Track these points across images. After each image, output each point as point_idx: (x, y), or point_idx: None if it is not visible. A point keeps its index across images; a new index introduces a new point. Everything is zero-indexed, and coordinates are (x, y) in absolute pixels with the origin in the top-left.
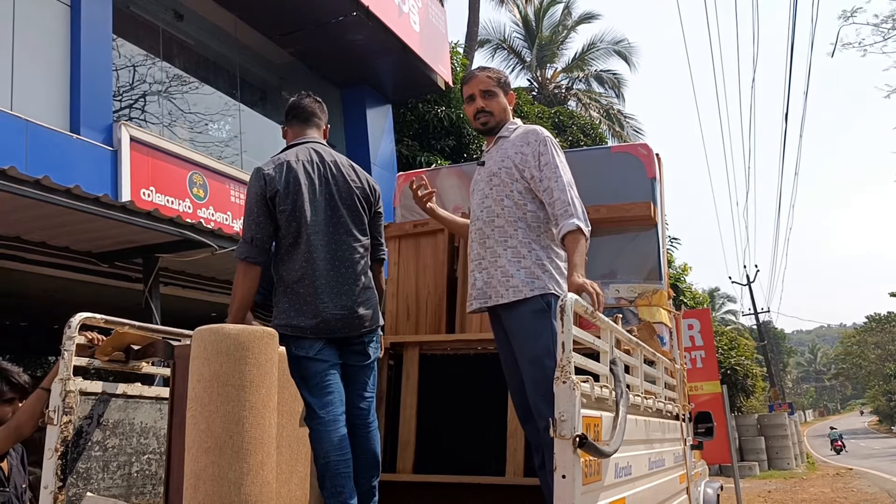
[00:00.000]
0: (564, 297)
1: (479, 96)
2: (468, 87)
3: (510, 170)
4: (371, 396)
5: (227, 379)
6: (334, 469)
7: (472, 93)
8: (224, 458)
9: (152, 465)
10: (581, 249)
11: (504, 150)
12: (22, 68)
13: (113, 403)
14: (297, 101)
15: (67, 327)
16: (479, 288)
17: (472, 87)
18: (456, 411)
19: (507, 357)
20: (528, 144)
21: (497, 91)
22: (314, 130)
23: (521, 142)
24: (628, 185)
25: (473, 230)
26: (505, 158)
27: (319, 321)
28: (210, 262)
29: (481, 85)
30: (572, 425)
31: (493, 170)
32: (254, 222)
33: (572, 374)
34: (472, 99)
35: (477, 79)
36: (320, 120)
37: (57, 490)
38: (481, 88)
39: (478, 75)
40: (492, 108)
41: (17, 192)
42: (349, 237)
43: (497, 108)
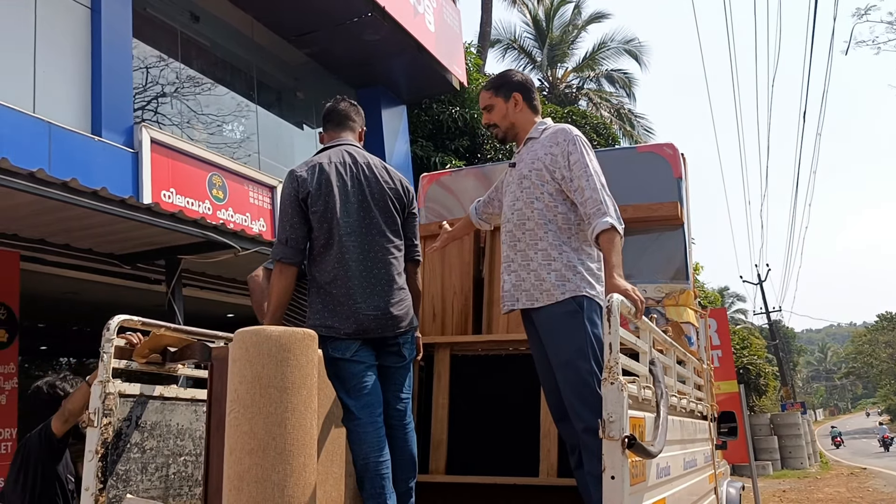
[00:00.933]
0: (611, 299)
1: (484, 113)
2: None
3: (540, 171)
4: (407, 397)
5: (270, 381)
6: (374, 470)
7: (482, 110)
8: (267, 460)
9: (188, 466)
10: (617, 248)
11: (534, 151)
12: (44, 71)
13: (150, 405)
14: (333, 106)
15: (106, 329)
16: (507, 290)
17: (481, 106)
18: (487, 412)
19: (541, 358)
20: (557, 144)
21: (494, 102)
22: (348, 133)
23: (551, 142)
24: (654, 184)
25: (504, 232)
26: (535, 160)
27: (353, 321)
28: (231, 263)
29: (482, 102)
30: (620, 426)
31: (523, 172)
32: (288, 223)
33: (620, 375)
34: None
35: (480, 96)
36: (355, 123)
37: (98, 492)
38: (482, 106)
39: (481, 93)
40: (493, 121)
41: (45, 195)
42: (382, 238)
43: (498, 117)
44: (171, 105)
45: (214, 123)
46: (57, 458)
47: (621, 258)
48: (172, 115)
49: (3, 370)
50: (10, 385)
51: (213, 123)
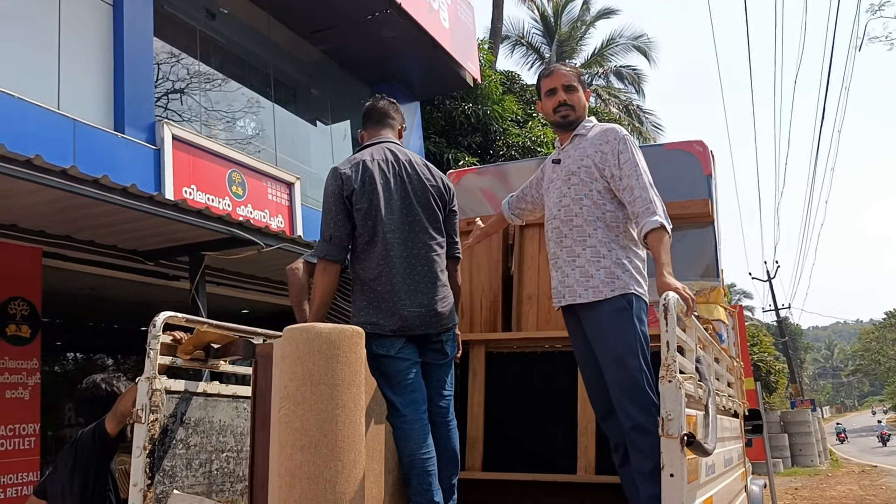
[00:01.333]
0: (667, 297)
1: (561, 90)
2: (549, 81)
3: (589, 169)
4: (450, 394)
5: (320, 377)
6: (420, 467)
7: (554, 86)
8: (319, 457)
9: (230, 462)
10: (666, 247)
11: (582, 148)
12: (68, 68)
13: (194, 402)
14: (372, 105)
15: (152, 326)
16: (554, 287)
17: (554, 81)
18: (523, 409)
19: (585, 356)
20: (607, 143)
21: (578, 86)
22: (388, 131)
23: (601, 140)
24: (684, 182)
25: (549, 228)
26: (584, 157)
27: (398, 318)
28: (250, 260)
29: (563, 80)
30: (679, 424)
31: (571, 168)
32: (332, 220)
33: (678, 373)
34: (552, 93)
35: (559, 72)
36: (394, 121)
37: (146, 487)
38: (563, 83)
39: (560, 69)
40: (573, 103)
41: (77, 192)
42: (425, 235)
43: (578, 103)
44: (189, 102)
45: (231, 120)
46: (110, 456)
47: (670, 257)
48: (190, 112)
49: (27, 366)
50: (34, 380)
51: (229, 120)
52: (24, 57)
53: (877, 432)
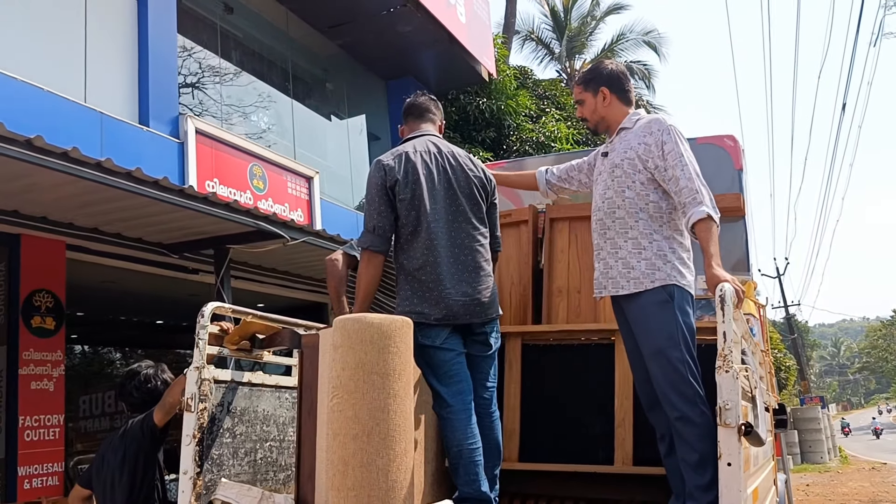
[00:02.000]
0: (723, 289)
1: (577, 107)
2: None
3: (633, 161)
4: (493, 386)
5: (373, 367)
6: (468, 457)
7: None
8: (372, 445)
9: (273, 452)
10: (714, 238)
11: (627, 141)
12: (94, 61)
13: (240, 391)
14: (413, 100)
15: (200, 316)
16: (595, 278)
17: (574, 98)
18: (560, 401)
19: (632, 347)
20: (650, 134)
21: (584, 97)
22: (429, 125)
23: (645, 132)
24: (716, 176)
25: (594, 221)
26: (628, 150)
27: (443, 307)
28: (273, 253)
29: (575, 97)
30: (737, 414)
31: (615, 161)
32: (375, 211)
33: (735, 363)
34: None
35: (574, 90)
36: (434, 115)
37: (195, 475)
38: (575, 100)
39: (574, 87)
40: (584, 115)
41: (111, 184)
42: (468, 225)
43: (589, 112)
44: (208, 96)
45: (250, 114)
46: (158, 446)
47: (718, 248)
48: (210, 106)
49: (51, 357)
50: (58, 372)
51: (249, 114)
52: (52, 51)
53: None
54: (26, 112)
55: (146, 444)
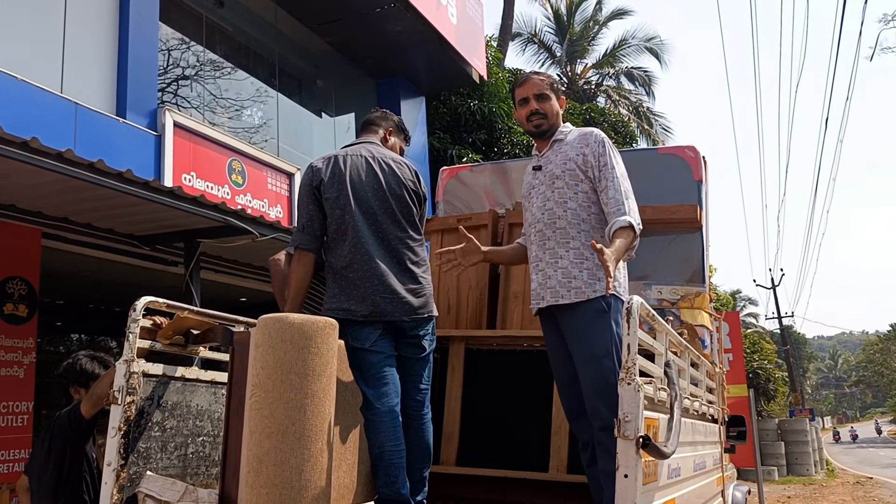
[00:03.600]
0: (630, 301)
1: (533, 99)
2: (522, 90)
3: (573, 171)
4: (426, 388)
5: (291, 367)
6: (388, 459)
7: (526, 96)
8: (286, 444)
9: (206, 447)
10: (627, 241)
11: (563, 152)
12: (72, 52)
13: (172, 386)
14: (366, 117)
15: (132, 310)
16: (534, 289)
17: (526, 91)
18: (500, 406)
19: (559, 357)
20: (587, 145)
21: (550, 95)
22: (372, 135)
23: (581, 143)
24: (674, 186)
25: (533, 233)
26: (567, 161)
27: (370, 304)
28: (247, 248)
29: (535, 89)
30: (636, 426)
31: (555, 172)
32: (304, 211)
33: (637, 375)
34: (525, 102)
35: (531, 82)
36: (378, 126)
37: (119, 468)
38: (535, 92)
39: (532, 78)
40: (545, 111)
41: (72, 175)
42: (396, 227)
43: (550, 111)
44: (193, 89)
45: (234, 108)
46: (85, 438)
47: (627, 249)
48: (193, 99)
49: (23, 345)
50: (29, 359)
51: (233, 108)
52: (29, 39)
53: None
54: None
55: (73, 435)
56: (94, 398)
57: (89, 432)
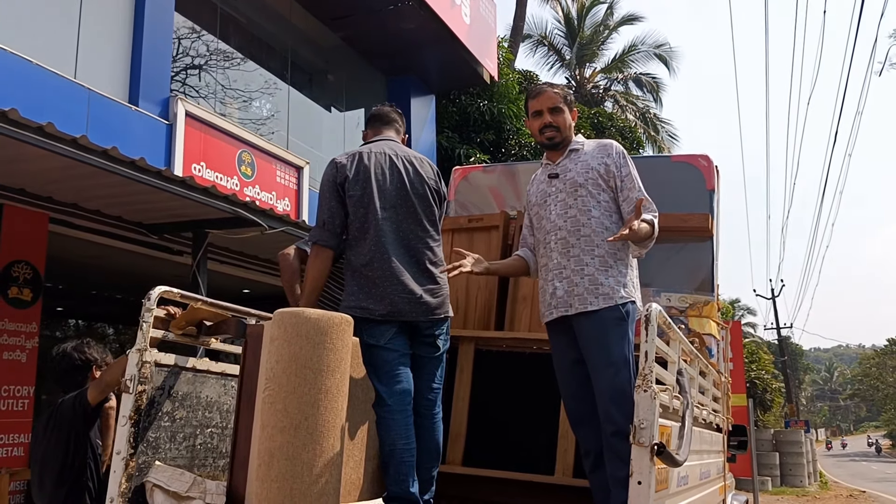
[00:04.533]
0: (649, 308)
1: (546, 112)
2: (535, 103)
3: (596, 180)
4: (438, 388)
5: (306, 362)
6: (399, 457)
7: (540, 109)
8: (298, 439)
9: (214, 438)
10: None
11: (584, 161)
12: (87, 38)
13: (183, 376)
14: (380, 108)
15: (146, 299)
16: (559, 297)
17: (541, 104)
18: (507, 408)
19: (568, 365)
20: (609, 156)
21: (564, 108)
22: (391, 132)
23: (602, 153)
24: (687, 194)
25: (554, 240)
26: (589, 170)
27: (388, 303)
28: (254, 240)
29: (549, 102)
30: (651, 433)
31: (577, 181)
32: (325, 207)
33: (654, 383)
34: (539, 114)
35: (545, 95)
36: (398, 125)
37: (129, 456)
38: (549, 106)
39: (546, 91)
40: (559, 125)
41: (85, 161)
42: (418, 227)
43: (564, 124)
44: (205, 79)
45: (246, 100)
46: (90, 425)
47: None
48: (205, 89)
49: (26, 329)
50: (31, 344)
51: (244, 100)
52: (45, 24)
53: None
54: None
55: (78, 422)
56: (102, 385)
57: (94, 419)
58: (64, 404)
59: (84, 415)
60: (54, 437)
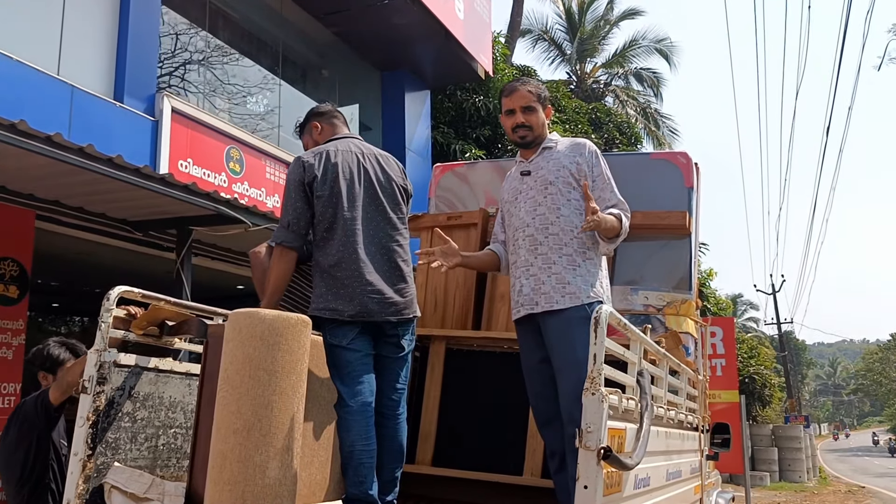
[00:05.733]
0: (599, 311)
1: (519, 111)
2: (509, 101)
3: (566, 179)
4: (403, 388)
5: (260, 363)
6: (358, 458)
7: (513, 107)
8: (251, 441)
9: (178, 438)
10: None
11: (556, 159)
12: (71, 34)
13: (144, 376)
14: (323, 106)
15: (106, 300)
16: (525, 294)
17: (513, 102)
18: (478, 408)
19: (534, 364)
20: (581, 155)
21: (537, 107)
22: (345, 128)
23: (575, 152)
24: (665, 192)
25: (522, 237)
26: (560, 168)
27: (357, 304)
28: (242, 237)
29: (522, 101)
30: (598, 437)
31: (548, 178)
32: (291, 207)
33: (602, 386)
34: (511, 113)
35: (518, 93)
36: (343, 121)
37: (86, 458)
38: (522, 104)
39: (519, 90)
40: (531, 124)
41: (61, 159)
42: (387, 225)
43: (536, 123)
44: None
45: (237, 96)
46: (52, 425)
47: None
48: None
49: (12, 326)
50: (18, 341)
51: (235, 95)
52: (27, 19)
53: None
54: None
55: (40, 422)
56: (63, 386)
57: (56, 419)
58: (26, 404)
59: (46, 415)
60: (16, 436)
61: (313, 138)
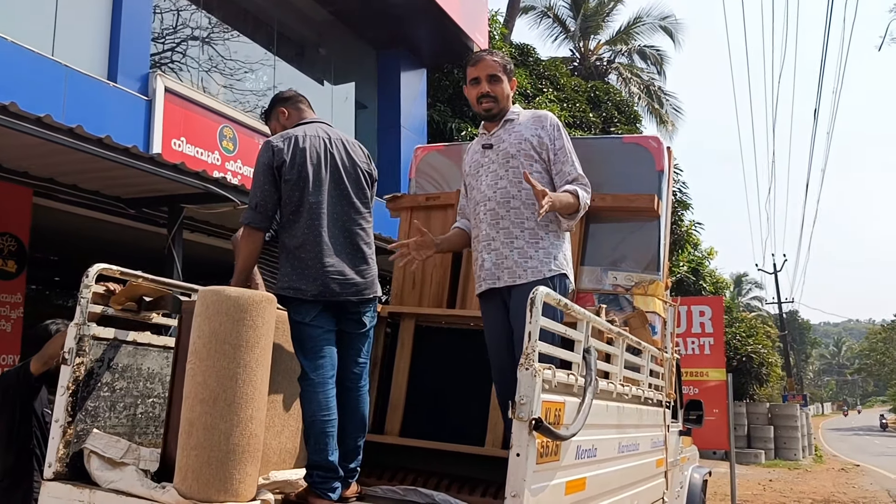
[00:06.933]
0: (535, 291)
1: (484, 80)
2: (474, 70)
3: (528, 152)
4: (364, 362)
5: (225, 337)
6: (319, 427)
7: (478, 76)
8: (216, 410)
9: (156, 408)
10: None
11: (518, 132)
12: (65, 14)
13: (123, 349)
14: (287, 91)
15: (85, 276)
16: (486, 269)
17: (479, 71)
18: (445, 382)
19: (498, 338)
20: (543, 128)
21: (502, 77)
22: (312, 112)
23: (536, 125)
24: (636, 175)
25: (483, 210)
26: (522, 141)
27: (319, 284)
28: (233, 214)
29: (488, 69)
30: (530, 409)
31: (510, 152)
32: (259, 189)
33: (535, 361)
34: (476, 82)
35: (484, 62)
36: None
37: (66, 424)
38: (487, 73)
39: (485, 58)
40: (496, 94)
41: (52, 139)
42: (351, 209)
43: (501, 93)
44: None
45: (232, 74)
46: (33, 395)
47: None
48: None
49: (10, 299)
50: (16, 314)
51: (231, 74)
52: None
53: None
54: None
55: (22, 390)
56: (45, 357)
57: (37, 389)
58: (9, 374)
59: (27, 384)
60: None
61: (281, 123)
